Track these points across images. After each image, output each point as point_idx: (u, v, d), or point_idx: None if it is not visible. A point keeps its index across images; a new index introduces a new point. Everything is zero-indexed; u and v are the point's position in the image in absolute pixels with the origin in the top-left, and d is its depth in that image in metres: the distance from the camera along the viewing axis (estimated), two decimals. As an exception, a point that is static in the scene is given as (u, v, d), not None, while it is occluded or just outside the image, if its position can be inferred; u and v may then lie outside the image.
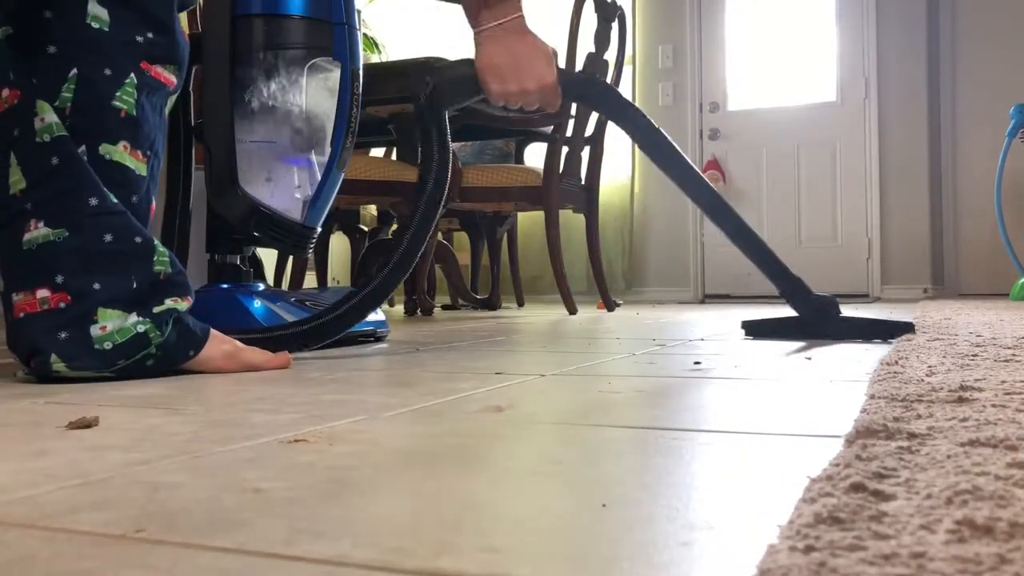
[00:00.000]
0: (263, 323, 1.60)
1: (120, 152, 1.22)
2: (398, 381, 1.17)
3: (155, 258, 1.22)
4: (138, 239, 1.21)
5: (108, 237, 1.18)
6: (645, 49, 5.41)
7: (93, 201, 1.17)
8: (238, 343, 1.31)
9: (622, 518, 0.48)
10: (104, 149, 1.20)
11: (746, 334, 1.86)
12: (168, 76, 1.31)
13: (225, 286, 1.70)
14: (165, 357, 1.21)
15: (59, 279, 1.15)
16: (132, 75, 1.24)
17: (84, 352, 1.15)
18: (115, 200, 1.19)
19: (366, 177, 2.96)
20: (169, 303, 1.22)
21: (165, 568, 0.40)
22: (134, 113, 1.23)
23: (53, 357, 1.14)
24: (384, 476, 0.60)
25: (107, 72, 1.21)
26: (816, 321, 1.71)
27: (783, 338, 1.75)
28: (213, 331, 1.28)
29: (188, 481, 0.57)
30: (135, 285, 1.19)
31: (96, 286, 1.16)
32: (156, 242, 1.24)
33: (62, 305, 1.15)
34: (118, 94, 1.22)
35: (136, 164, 1.24)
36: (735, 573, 0.38)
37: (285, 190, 1.73)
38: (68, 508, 0.51)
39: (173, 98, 1.35)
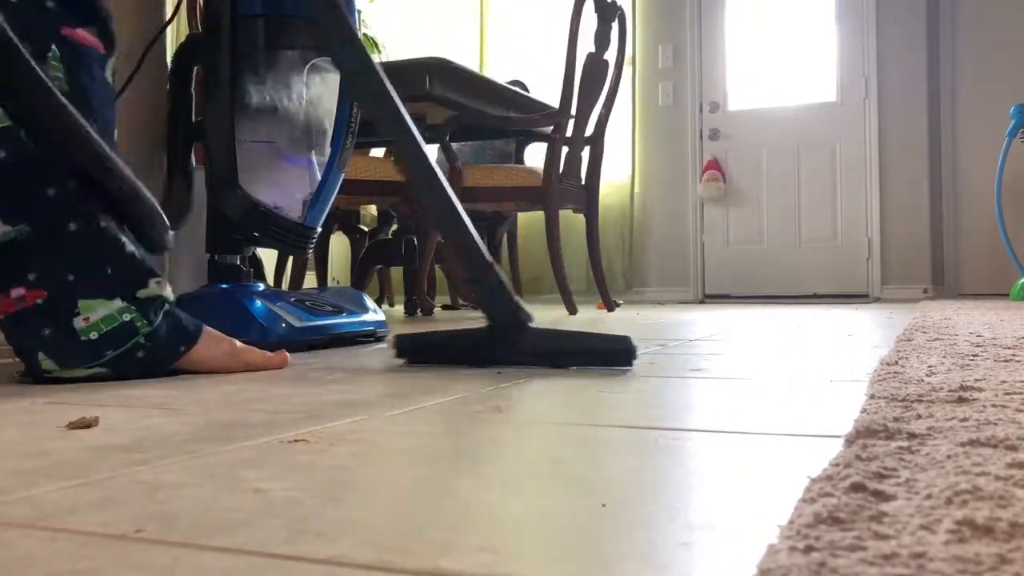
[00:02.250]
0: (263, 323, 1.60)
1: None
2: (398, 381, 1.17)
3: (123, 240, 1.17)
4: (103, 223, 1.16)
5: (72, 225, 1.14)
6: (645, 49, 5.41)
7: (51, 191, 1.12)
8: (237, 342, 1.28)
9: (622, 518, 0.48)
10: None
11: (397, 355, 1.37)
12: (92, 39, 1.21)
13: (225, 286, 1.70)
14: (155, 350, 1.17)
15: (31, 276, 1.12)
16: (54, 47, 1.15)
17: (70, 345, 1.13)
18: (73, 184, 1.14)
19: (366, 177, 2.96)
20: (154, 287, 1.18)
21: (165, 568, 0.40)
22: (66, 87, 1.15)
23: (41, 355, 1.12)
24: (384, 476, 0.60)
25: (28, 49, 1.11)
26: (495, 337, 1.29)
27: (441, 361, 1.33)
28: (209, 329, 1.25)
29: (188, 481, 0.57)
30: (110, 271, 1.16)
31: (71, 277, 1.13)
32: (117, 225, 1.18)
33: (39, 302, 1.12)
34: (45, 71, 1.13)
35: None
36: (735, 573, 0.38)
37: (285, 190, 1.73)
38: (68, 508, 0.51)
39: (112, 61, 1.26)
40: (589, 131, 3.44)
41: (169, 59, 1.85)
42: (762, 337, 1.90)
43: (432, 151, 4.48)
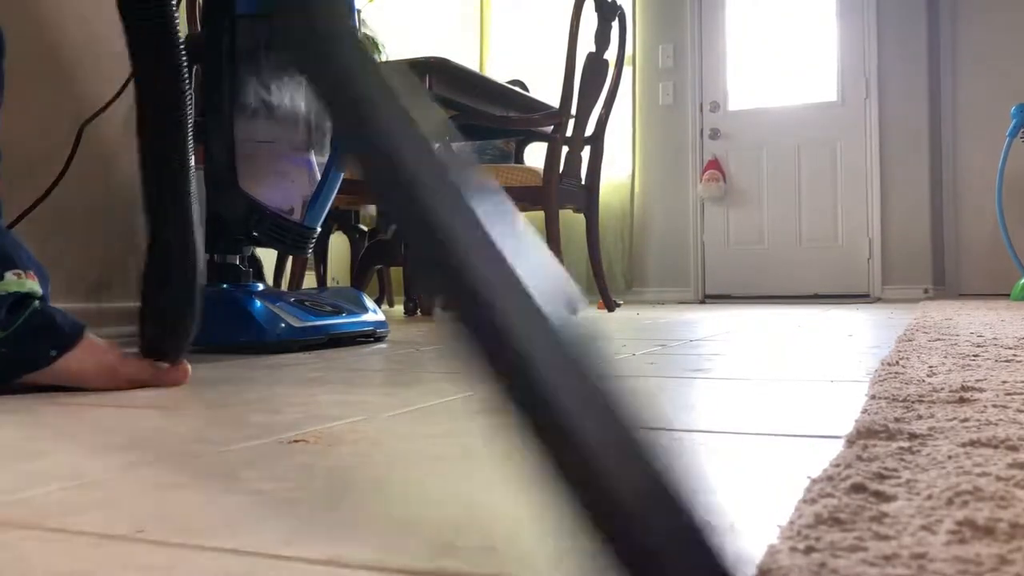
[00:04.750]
0: (262, 323, 1.60)
1: None
2: (398, 381, 1.17)
3: None
4: None
5: None
6: (645, 49, 5.41)
7: None
8: (121, 353, 1.09)
9: (622, 518, 0.48)
10: None
11: None
12: None
13: (225, 286, 1.70)
14: (16, 352, 1.00)
15: None
16: None
17: None
18: None
19: (366, 177, 2.96)
20: (11, 278, 1.00)
21: (165, 568, 0.40)
22: None
23: None
24: (384, 476, 0.60)
25: None
26: None
27: None
28: (92, 336, 1.06)
29: (188, 481, 0.57)
30: None
31: None
32: None
33: None
34: None
35: None
36: (735, 573, 0.38)
37: (285, 190, 1.73)
38: (68, 508, 0.51)
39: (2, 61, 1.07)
40: (589, 131, 3.43)
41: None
42: (762, 337, 1.90)
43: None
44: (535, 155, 3.96)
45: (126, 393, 1.04)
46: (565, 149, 3.29)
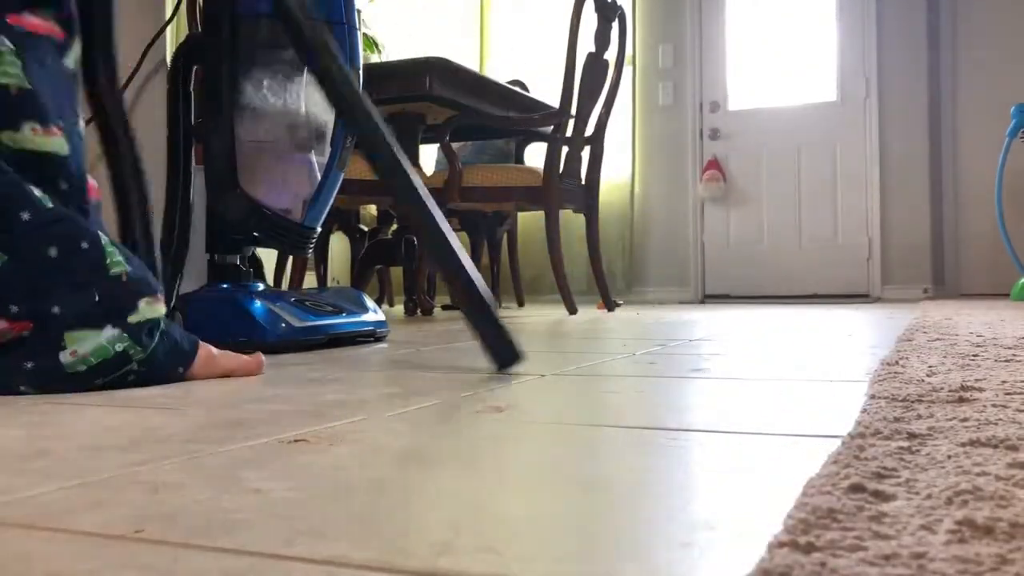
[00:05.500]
0: (263, 323, 1.60)
1: (30, 137, 1.04)
2: (398, 381, 1.17)
3: (108, 261, 1.08)
4: (84, 244, 1.06)
5: (53, 251, 1.03)
6: (645, 49, 5.41)
7: (25, 215, 1.02)
8: (213, 349, 1.20)
9: (622, 518, 0.48)
10: (7, 138, 1.03)
11: None
12: (48, 24, 1.09)
13: (225, 286, 1.70)
14: (149, 372, 1.10)
15: (13, 308, 1.03)
16: (2, 37, 1.03)
17: (55, 378, 1.04)
18: (48, 204, 1.04)
19: (366, 177, 2.96)
20: (144, 308, 1.09)
21: (165, 568, 0.40)
22: (27, 85, 1.04)
23: (23, 388, 1.03)
24: (384, 476, 0.60)
25: None
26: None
27: None
28: (202, 344, 1.19)
29: (188, 481, 0.57)
30: (97, 298, 1.06)
31: (55, 309, 1.03)
32: (104, 238, 1.09)
33: (25, 333, 1.04)
34: None
35: (54, 143, 1.06)
36: (735, 573, 0.38)
37: (285, 190, 1.73)
38: (68, 508, 0.51)
39: (74, 49, 1.14)
40: (589, 131, 3.44)
41: (169, 59, 1.85)
42: (762, 337, 1.90)
43: (432, 151, 4.48)
44: (535, 155, 3.96)
45: (126, 393, 1.04)
46: (565, 149, 3.30)
